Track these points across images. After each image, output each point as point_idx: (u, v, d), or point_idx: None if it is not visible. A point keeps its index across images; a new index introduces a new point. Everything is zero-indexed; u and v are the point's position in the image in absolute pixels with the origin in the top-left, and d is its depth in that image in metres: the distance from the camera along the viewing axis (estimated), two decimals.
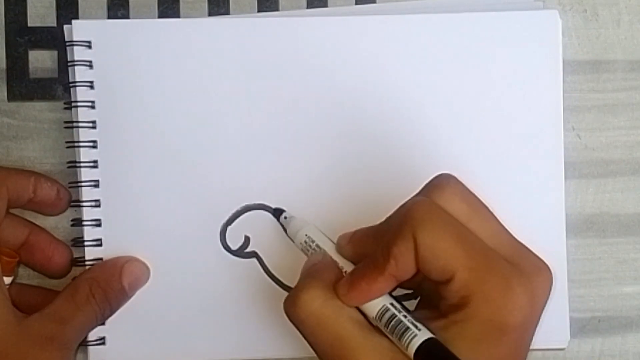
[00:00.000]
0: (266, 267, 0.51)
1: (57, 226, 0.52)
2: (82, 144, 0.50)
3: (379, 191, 0.50)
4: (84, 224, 0.50)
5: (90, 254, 0.50)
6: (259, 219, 0.51)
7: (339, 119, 0.51)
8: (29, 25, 0.52)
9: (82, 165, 0.50)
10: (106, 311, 0.49)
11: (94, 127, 0.50)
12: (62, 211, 0.51)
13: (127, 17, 0.52)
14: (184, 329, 0.51)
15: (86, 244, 0.50)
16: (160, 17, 0.52)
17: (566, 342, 0.52)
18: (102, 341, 0.50)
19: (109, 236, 0.50)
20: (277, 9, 0.52)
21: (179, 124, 0.51)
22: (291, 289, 0.43)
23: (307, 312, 0.42)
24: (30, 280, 0.51)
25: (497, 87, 0.51)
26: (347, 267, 0.45)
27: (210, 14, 0.52)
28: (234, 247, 0.51)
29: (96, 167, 0.50)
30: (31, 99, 0.52)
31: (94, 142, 0.50)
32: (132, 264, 0.50)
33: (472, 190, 0.43)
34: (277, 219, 0.50)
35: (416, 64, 0.51)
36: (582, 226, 0.53)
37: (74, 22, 0.50)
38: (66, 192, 0.51)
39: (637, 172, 0.53)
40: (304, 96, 0.51)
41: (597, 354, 0.53)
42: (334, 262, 0.45)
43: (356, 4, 0.52)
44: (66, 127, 0.51)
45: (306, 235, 0.47)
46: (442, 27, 0.51)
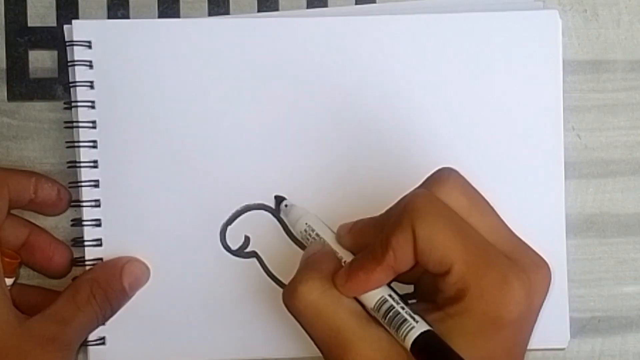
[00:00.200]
0: (266, 267, 0.51)
1: (57, 226, 0.52)
2: (82, 144, 0.50)
3: (379, 189, 0.50)
4: (84, 224, 0.50)
5: (90, 254, 0.50)
6: (259, 219, 0.51)
7: (339, 119, 0.51)
8: (29, 25, 0.52)
9: (82, 165, 0.50)
10: (107, 312, 0.49)
11: (94, 127, 0.50)
12: (63, 211, 0.51)
13: (127, 17, 0.52)
14: (184, 329, 0.51)
15: (86, 244, 0.50)
16: (160, 17, 0.52)
17: (566, 342, 0.52)
18: (102, 341, 0.50)
19: (109, 236, 0.50)
20: (277, 9, 0.52)
21: (179, 123, 0.51)
22: None
23: (305, 303, 0.42)
24: (30, 280, 0.51)
25: (497, 87, 0.51)
26: (346, 257, 0.45)
27: (210, 14, 0.52)
28: (234, 247, 0.51)
29: (96, 167, 0.50)
30: (31, 99, 0.52)
31: (94, 142, 0.50)
32: (132, 264, 0.50)
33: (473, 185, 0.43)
34: (278, 207, 0.50)
35: (416, 64, 0.51)
36: (582, 226, 0.53)
37: (74, 22, 0.50)
38: (66, 192, 0.51)
39: (637, 172, 0.53)
40: (303, 96, 0.51)
41: (597, 354, 0.53)
42: (333, 251, 0.45)
43: (356, 4, 0.52)
44: (66, 127, 0.51)
45: (306, 224, 0.47)
46: (442, 27, 0.51)
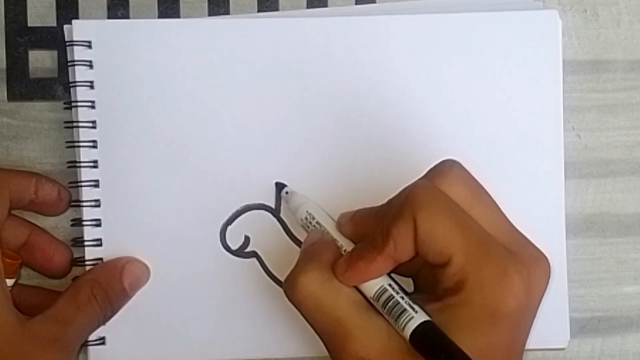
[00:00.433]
0: (266, 267, 0.51)
1: (57, 226, 0.52)
2: (82, 144, 0.50)
3: (379, 186, 0.50)
4: (84, 224, 0.50)
5: (90, 254, 0.50)
6: (259, 219, 0.51)
7: (339, 119, 0.51)
8: (29, 25, 0.52)
9: (82, 165, 0.50)
10: (108, 312, 0.49)
11: (94, 127, 0.50)
12: (63, 211, 0.51)
13: (127, 17, 0.52)
14: (184, 329, 0.51)
15: (86, 244, 0.50)
16: (160, 17, 0.52)
17: (566, 342, 0.52)
18: (102, 341, 0.50)
19: (109, 236, 0.50)
20: (277, 9, 0.52)
21: (179, 123, 0.51)
22: None
23: (305, 294, 0.42)
24: (30, 280, 0.51)
25: (497, 87, 0.51)
26: (346, 245, 0.45)
27: (210, 14, 0.52)
28: (234, 247, 0.51)
29: (96, 167, 0.50)
30: (31, 99, 0.52)
31: (94, 142, 0.50)
32: (132, 264, 0.50)
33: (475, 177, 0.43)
34: (278, 193, 0.50)
35: (416, 64, 0.51)
36: (582, 226, 0.53)
37: (74, 22, 0.50)
38: (67, 193, 0.51)
39: (637, 172, 0.53)
40: (303, 96, 0.51)
41: (597, 354, 0.53)
42: (333, 240, 0.45)
43: (356, 4, 0.52)
44: (66, 127, 0.51)
45: (307, 211, 0.47)
46: (442, 27, 0.51)
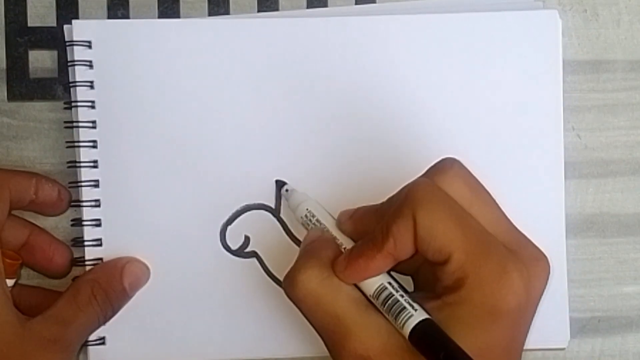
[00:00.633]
0: (266, 267, 0.51)
1: (57, 226, 0.52)
2: (82, 144, 0.50)
3: (379, 186, 0.50)
4: (84, 224, 0.50)
5: (90, 253, 0.50)
6: (259, 219, 0.51)
7: (339, 119, 0.51)
8: (29, 25, 0.52)
9: (82, 165, 0.50)
10: (108, 312, 0.49)
11: (94, 127, 0.50)
12: (63, 212, 0.51)
13: (127, 17, 0.52)
14: (184, 329, 0.51)
15: (86, 244, 0.50)
16: (160, 17, 0.52)
17: (566, 342, 0.52)
18: (102, 341, 0.50)
19: (109, 236, 0.50)
20: (277, 9, 0.52)
21: (179, 123, 0.51)
22: None
23: (305, 291, 0.42)
24: (30, 280, 0.51)
25: (497, 87, 0.51)
26: (346, 243, 0.45)
27: (210, 14, 0.52)
28: (234, 247, 0.51)
29: (96, 167, 0.50)
30: (31, 99, 0.52)
31: (94, 142, 0.50)
32: (132, 265, 0.50)
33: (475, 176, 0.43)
34: (278, 191, 0.50)
35: (416, 64, 0.51)
36: (582, 226, 0.53)
37: (74, 22, 0.50)
38: (67, 193, 0.51)
39: (637, 172, 0.53)
40: (303, 96, 0.51)
41: (597, 354, 0.53)
42: (333, 238, 0.45)
43: (356, 4, 0.52)
44: (66, 127, 0.51)
45: (307, 209, 0.47)
46: (442, 27, 0.51)
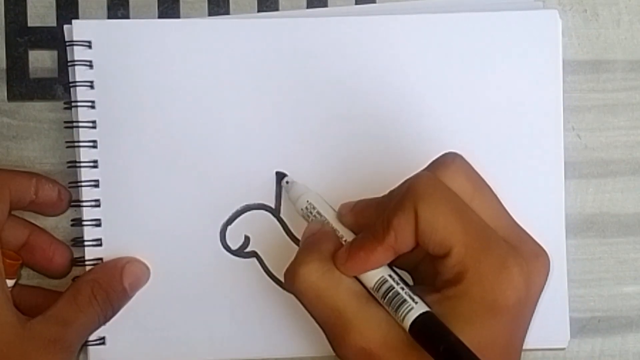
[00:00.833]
0: (266, 267, 0.51)
1: (57, 226, 0.52)
2: (82, 144, 0.50)
3: (380, 181, 0.50)
4: (84, 224, 0.50)
5: (90, 253, 0.50)
6: (259, 219, 0.51)
7: (340, 119, 0.51)
8: (29, 25, 0.52)
9: (82, 165, 0.50)
10: (108, 312, 0.49)
11: (94, 127, 0.50)
12: (63, 212, 0.51)
13: (127, 17, 0.52)
14: (184, 329, 0.51)
15: (86, 244, 0.50)
16: (160, 17, 0.52)
17: (566, 342, 0.52)
18: (102, 341, 0.50)
19: (109, 236, 0.50)
20: (277, 9, 0.52)
21: (178, 123, 0.51)
22: None
23: (306, 284, 0.42)
24: (30, 280, 0.51)
25: (497, 87, 0.51)
26: (347, 236, 0.45)
27: (210, 14, 0.52)
28: (234, 247, 0.51)
29: (96, 167, 0.50)
30: (31, 99, 0.52)
31: (94, 142, 0.50)
32: (132, 265, 0.50)
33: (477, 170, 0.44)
34: (279, 183, 0.50)
35: (416, 64, 0.51)
36: (582, 226, 0.53)
37: (74, 22, 0.50)
38: (67, 193, 0.51)
39: (637, 172, 0.53)
40: (304, 96, 0.51)
41: (597, 354, 0.53)
42: (334, 230, 0.46)
43: (356, 4, 0.52)
44: (66, 127, 0.51)
45: (307, 201, 0.47)
46: (442, 27, 0.51)
